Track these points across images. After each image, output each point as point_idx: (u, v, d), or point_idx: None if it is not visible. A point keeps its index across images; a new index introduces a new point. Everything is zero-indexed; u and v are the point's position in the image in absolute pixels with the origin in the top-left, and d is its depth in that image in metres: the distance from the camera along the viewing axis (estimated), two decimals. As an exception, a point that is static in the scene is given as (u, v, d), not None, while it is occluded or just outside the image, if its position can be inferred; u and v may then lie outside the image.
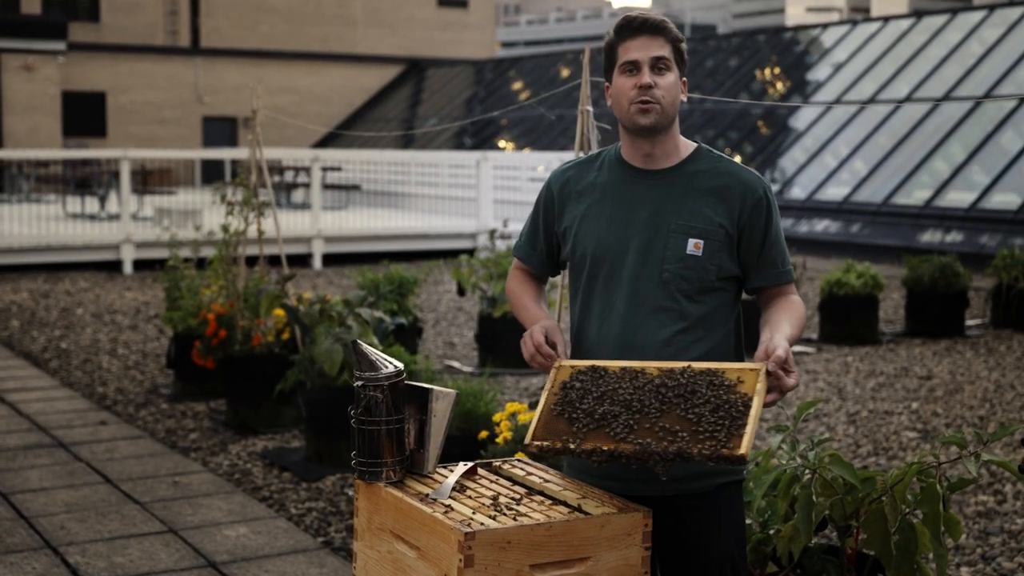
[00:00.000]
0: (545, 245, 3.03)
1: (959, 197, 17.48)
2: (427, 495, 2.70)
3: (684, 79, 2.87)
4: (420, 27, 37.35)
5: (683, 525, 2.82)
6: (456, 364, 9.29)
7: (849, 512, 3.46)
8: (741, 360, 2.91)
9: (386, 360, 2.82)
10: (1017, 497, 5.75)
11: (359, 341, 2.85)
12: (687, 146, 2.92)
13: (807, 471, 3.28)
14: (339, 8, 36.14)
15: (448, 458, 3.06)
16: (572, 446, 2.64)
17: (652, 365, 2.72)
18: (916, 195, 18.05)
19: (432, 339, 10.50)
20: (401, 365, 2.83)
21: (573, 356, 2.92)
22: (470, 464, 2.92)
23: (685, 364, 2.69)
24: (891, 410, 7.68)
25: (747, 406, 2.57)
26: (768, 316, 2.87)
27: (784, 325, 2.78)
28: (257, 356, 7.18)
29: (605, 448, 2.60)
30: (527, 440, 2.76)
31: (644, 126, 2.80)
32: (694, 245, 2.80)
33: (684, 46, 2.87)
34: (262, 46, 34.67)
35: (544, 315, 2.99)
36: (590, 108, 4.39)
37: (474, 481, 2.85)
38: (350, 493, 5.88)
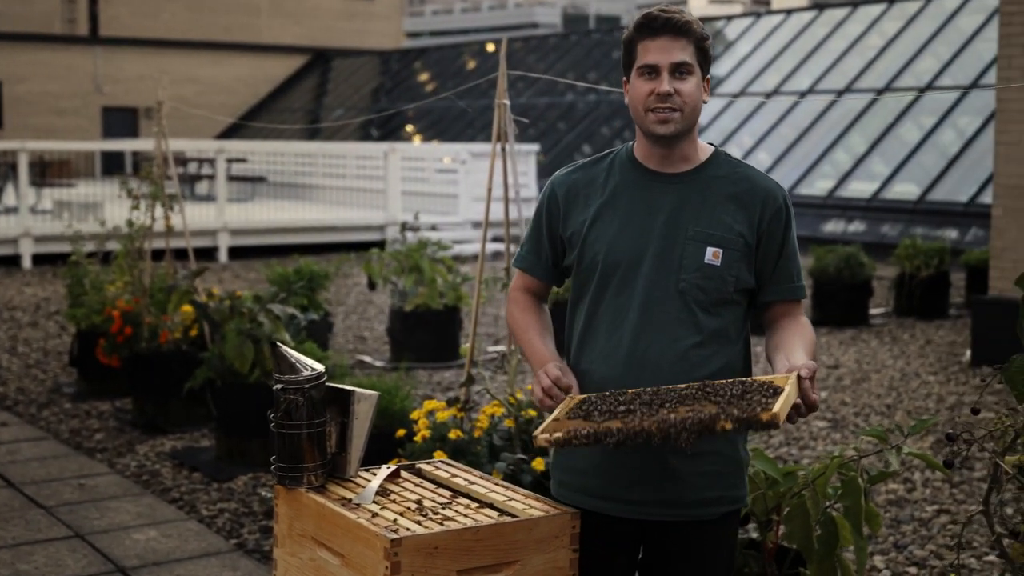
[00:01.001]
0: (551, 253, 2.83)
1: (861, 187, 17.80)
2: (350, 500, 2.64)
3: (708, 77, 2.71)
4: (326, 17, 36.98)
5: (682, 551, 2.69)
6: (367, 359, 9.19)
7: (771, 506, 3.48)
8: (747, 374, 2.75)
9: (306, 362, 2.75)
10: (926, 485, 5.85)
11: (278, 343, 2.77)
12: (704, 149, 2.77)
13: (729, 467, 3.27)
14: (243, -3, 35.64)
15: (364, 458, 3.00)
16: (585, 431, 2.41)
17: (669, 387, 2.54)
18: (819, 185, 18.32)
19: (342, 333, 10.38)
20: (321, 367, 2.76)
21: (575, 369, 2.71)
22: (393, 467, 2.86)
23: (703, 383, 2.53)
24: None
25: (777, 391, 2.39)
26: (779, 340, 2.70)
27: (799, 351, 2.61)
28: (165, 354, 7.02)
29: (620, 427, 2.39)
30: (536, 433, 2.51)
31: (662, 135, 2.65)
32: (712, 254, 2.65)
33: (709, 43, 2.70)
34: (164, 35, 34.03)
35: (555, 357, 2.76)
36: (507, 102, 4.34)
37: (398, 484, 2.79)
38: (263, 493, 5.77)
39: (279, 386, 2.72)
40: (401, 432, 4.50)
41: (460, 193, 17.72)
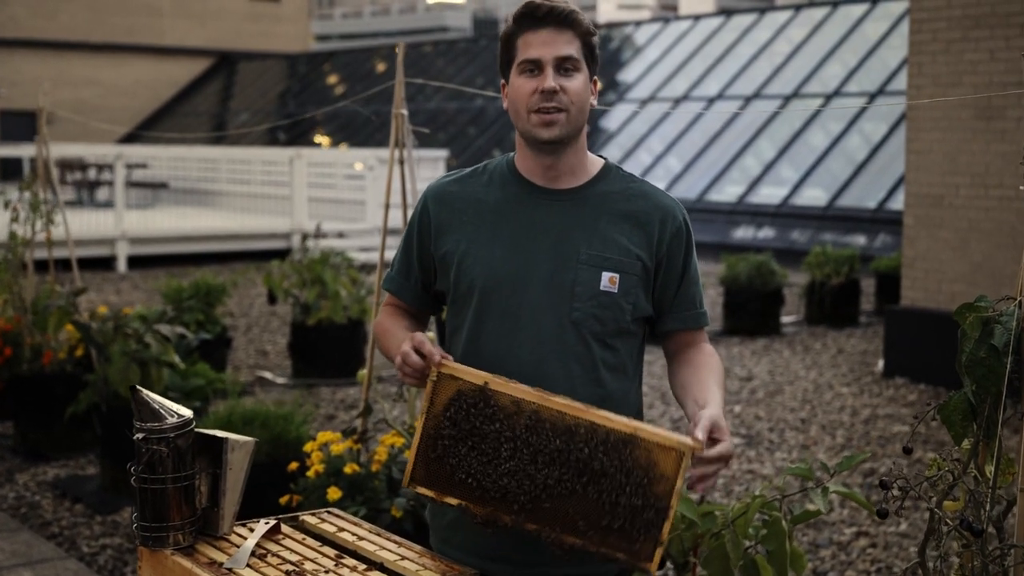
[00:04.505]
0: (421, 275, 2.53)
1: (770, 193, 17.82)
2: (221, 564, 2.34)
3: (595, 79, 2.43)
4: (231, 19, 36.30)
5: None
6: (268, 375, 8.82)
7: (688, 547, 3.25)
8: (640, 409, 2.52)
9: (170, 408, 2.45)
10: (843, 506, 5.69)
11: (139, 387, 2.46)
12: (594, 162, 2.48)
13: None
14: (145, -2, 34.83)
15: (255, 491, 2.70)
16: (468, 506, 2.26)
17: (549, 403, 2.24)
18: (729, 191, 18.31)
19: (243, 347, 9.99)
20: (188, 413, 2.46)
21: None
22: (271, 522, 2.56)
23: (585, 409, 2.23)
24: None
25: (665, 507, 2.15)
26: (686, 377, 2.44)
27: (713, 390, 2.36)
28: (48, 376, 6.59)
29: (504, 521, 2.24)
30: (404, 482, 2.37)
31: (547, 139, 2.36)
32: (609, 280, 2.37)
33: (596, 40, 2.41)
34: (63, 36, 33.11)
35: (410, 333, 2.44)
36: (404, 112, 4.06)
37: (277, 543, 2.50)
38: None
39: (140, 435, 2.41)
40: (294, 465, 4.19)
41: (368, 200, 17.37)
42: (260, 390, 8.28)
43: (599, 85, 2.47)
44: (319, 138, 27.22)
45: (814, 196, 17.32)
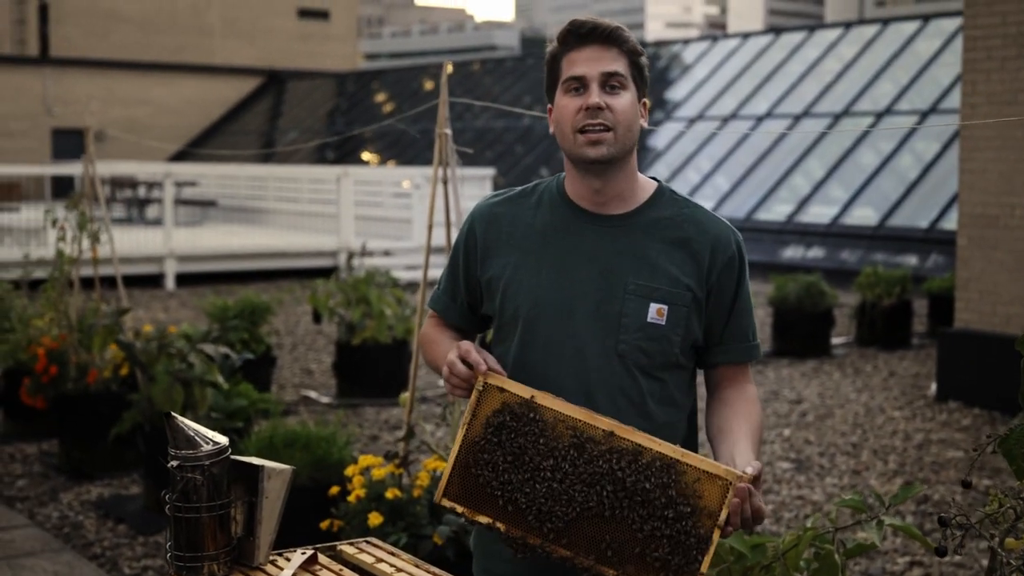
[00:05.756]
0: (467, 297, 2.46)
1: (820, 212, 17.63)
2: (256, 596, 2.29)
3: (645, 100, 2.34)
4: (280, 38, 36.61)
5: None
6: (313, 394, 8.80)
7: (737, 581, 3.15)
8: (692, 440, 2.44)
9: (206, 435, 2.40)
10: (896, 534, 5.55)
11: (173, 413, 2.42)
12: (646, 186, 2.37)
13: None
14: (194, 18, 35.19)
15: (296, 515, 2.64)
16: (500, 525, 2.18)
17: (595, 422, 2.16)
18: (778, 210, 18.14)
19: (289, 366, 9.98)
20: (224, 440, 2.40)
21: None
22: (308, 551, 2.50)
23: (632, 431, 2.15)
24: (763, 438, 7.47)
25: (706, 538, 2.08)
26: (722, 422, 2.34)
27: (743, 441, 2.27)
28: (92, 394, 6.59)
29: (534, 543, 2.16)
30: (437, 496, 2.28)
31: (594, 159, 2.26)
32: (656, 311, 2.27)
33: (644, 60, 2.32)
34: (114, 56, 33.53)
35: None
36: (448, 131, 4.01)
37: (313, 573, 2.44)
38: (192, 547, 5.37)
39: (174, 463, 2.36)
40: (335, 490, 4.14)
41: (414, 218, 17.38)
42: (304, 409, 8.26)
43: (648, 105, 2.37)
44: (367, 155, 27.32)
45: (864, 216, 17.11)
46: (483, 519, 2.22)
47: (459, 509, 2.26)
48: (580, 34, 2.28)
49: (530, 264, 2.34)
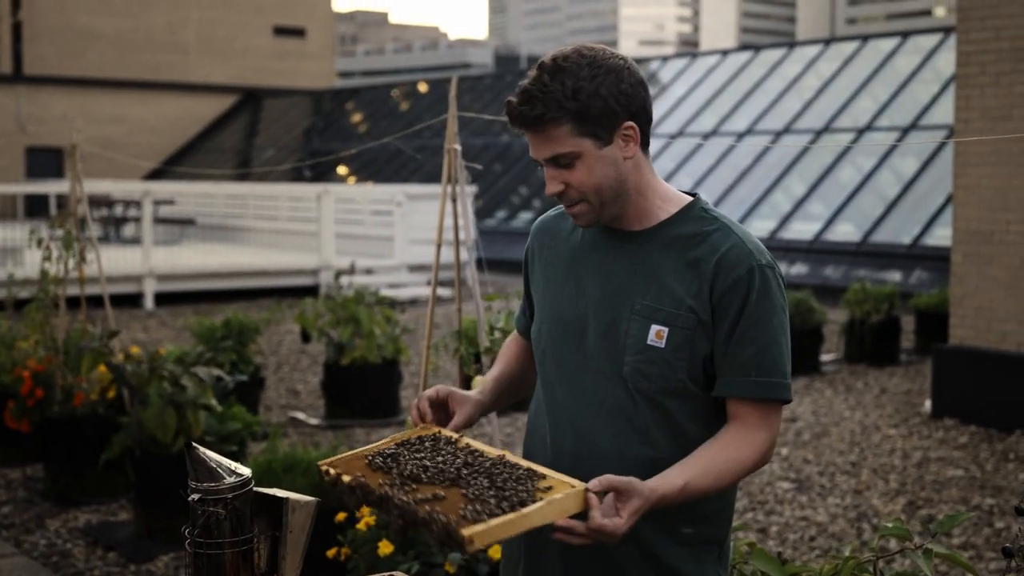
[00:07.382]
0: (531, 309, 2.42)
1: (802, 229, 17.61)
2: (283, 637, 2.16)
3: (621, 135, 2.12)
4: (256, 56, 36.47)
5: None
6: (301, 415, 8.64)
7: (769, 610, 3.04)
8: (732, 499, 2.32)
9: (228, 466, 2.27)
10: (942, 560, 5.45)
11: (194, 444, 2.29)
12: (675, 201, 2.23)
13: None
14: (170, 36, 35.01)
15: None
16: (346, 478, 2.17)
17: (494, 452, 2.11)
18: (759, 226, 18.11)
19: (274, 387, 9.82)
20: (247, 472, 2.28)
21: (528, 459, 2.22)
22: (335, 588, 2.38)
23: (529, 463, 2.07)
24: (738, 479, 7.35)
25: (523, 504, 1.93)
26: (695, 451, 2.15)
27: (691, 466, 2.08)
28: (79, 418, 6.41)
29: (381, 493, 2.08)
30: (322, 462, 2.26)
31: (584, 226, 2.22)
32: (656, 334, 2.13)
33: (598, 105, 2.08)
34: (89, 74, 33.31)
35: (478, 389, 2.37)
36: (458, 147, 3.90)
37: (341, 611, 2.32)
38: None
39: (195, 496, 2.23)
40: (342, 516, 4.01)
41: (396, 236, 17.25)
42: (293, 431, 8.11)
43: (634, 131, 2.14)
44: (344, 175, 27.18)
45: (847, 232, 17.10)
46: (346, 479, 2.20)
47: (332, 471, 2.23)
48: (512, 118, 2.14)
49: (558, 280, 2.30)
